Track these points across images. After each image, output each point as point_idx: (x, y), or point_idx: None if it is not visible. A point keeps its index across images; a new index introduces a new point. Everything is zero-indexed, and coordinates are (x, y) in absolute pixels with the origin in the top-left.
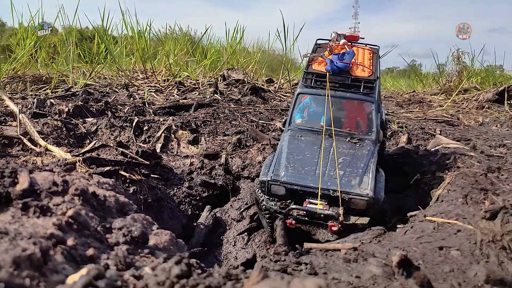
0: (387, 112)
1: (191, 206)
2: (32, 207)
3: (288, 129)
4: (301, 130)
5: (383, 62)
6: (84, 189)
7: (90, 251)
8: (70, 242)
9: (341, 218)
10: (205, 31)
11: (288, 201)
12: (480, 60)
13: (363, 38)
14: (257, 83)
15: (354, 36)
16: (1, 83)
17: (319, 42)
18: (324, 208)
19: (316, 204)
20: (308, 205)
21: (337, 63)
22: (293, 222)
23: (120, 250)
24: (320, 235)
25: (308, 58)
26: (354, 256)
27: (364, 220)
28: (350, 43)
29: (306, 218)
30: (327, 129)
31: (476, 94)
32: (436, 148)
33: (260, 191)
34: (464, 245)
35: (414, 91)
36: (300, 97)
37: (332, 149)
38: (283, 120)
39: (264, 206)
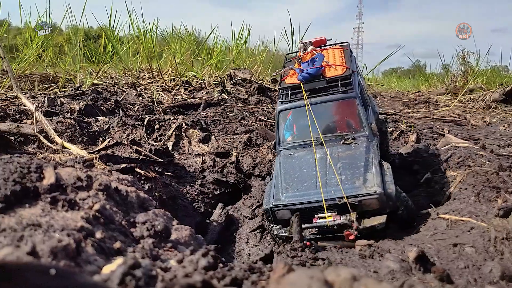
0: (394, 111)
1: (203, 204)
2: (60, 201)
3: (280, 150)
4: (292, 147)
5: (388, 63)
6: (107, 185)
7: (117, 244)
8: (98, 235)
9: (355, 225)
10: (211, 31)
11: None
12: (486, 60)
13: (331, 39)
14: (263, 83)
15: (321, 40)
16: (17, 83)
17: (288, 56)
18: (335, 219)
19: (326, 218)
20: (317, 221)
21: (307, 70)
22: (307, 243)
23: (146, 243)
24: None
25: (279, 74)
26: (370, 252)
27: (381, 219)
28: (319, 48)
29: (320, 235)
30: (317, 138)
31: (482, 94)
32: (446, 147)
33: (267, 221)
34: (478, 242)
35: (419, 91)
36: (283, 115)
37: (327, 156)
38: (273, 142)
39: (275, 235)
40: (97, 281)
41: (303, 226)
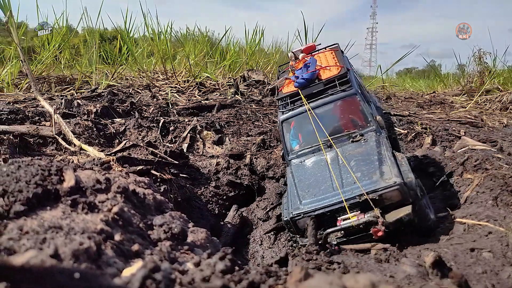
0: (409, 113)
1: (218, 206)
2: (80, 203)
3: (290, 160)
4: (301, 155)
5: (402, 63)
6: (125, 187)
7: (135, 247)
8: (117, 237)
9: (381, 220)
10: (225, 33)
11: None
12: (503, 61)
13: (320, 44)
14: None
15: (310, 46)
16: (37, 85)
17: (280, 68)
18: (359, 218)
19: (349, 218)
20: (342, 223)
21: (302, 76)
22: (336, 247)
23: (164, 246)
24: None
25: (275, 86)
26: (386, 256)
27: (407, 210)
28: (309, 54)
29: (346, 238)
30: (325, 141)
31: (499, 95)
32: (462, 149)
33: (290, 233)
34: (496, 247)
35: (434, 92)
36: (286, 124)
37: (338, 157)
38: (281, 153)
39: (300, 246)
40: (119, 284)
41: (329, 230)
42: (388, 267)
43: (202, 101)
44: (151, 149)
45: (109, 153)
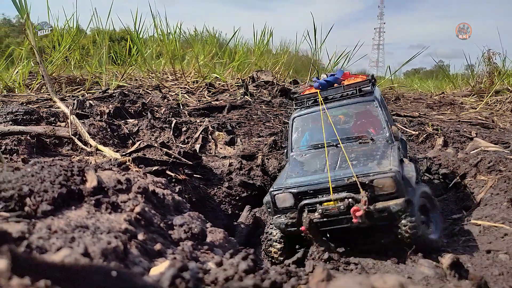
0: (419, 114)
1: (231, 206)
2: (104, 203)
3: (291, 154)
4: (304, 150)
5: (409, 63)
6: (145, 187)
7: (158, 246)
8: (140, 237)
9: (364, 199)
10: (234, 34)
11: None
12: None
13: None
14: (285, 85)
15: (345, 73)
16: (53, 87)
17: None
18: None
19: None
20: (321, 199)
21: (325, 79)
22: (303, 228)
23: (186, 246)
24: None
25: (298, 91)
26: (403, 258)
27: (399, 201)
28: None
29: (325, 219)
30: (333, 140)
31: (509, 96)
32: (475, 151)
33: (268, 215)
34: None
35: (443, 93)
36: (296, 121)
37: (340, 152)
38: (285, 151)
39: (273, 226)
40: (151, 282)
41: (305, 202)
42: (405, 268)
43: (212, 102)
44: (165, 149)
45: (124, 153)
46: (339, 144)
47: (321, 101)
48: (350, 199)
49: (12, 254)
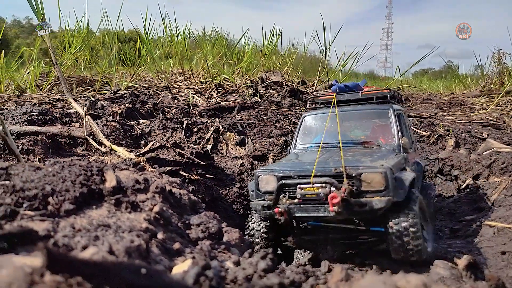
0: (429, 114)
1: (243, 206)
2: (124, 203)
3: (293, 151)
4: (307, 148)
5: (418, 64)
6: (163, 187)
7: (177, 245)
8: (160, 236)
9: (345, 187)
10: (243, 35)
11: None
12: None
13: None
14: (294, 85)
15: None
16: (69, 87)
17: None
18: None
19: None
20: (302, 186)
21: (345, 83)
22: (283, 211)
23: (204, 245)
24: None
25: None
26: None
27: (384, 199)
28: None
29: (301, 205)
30: (338, 142)
31: None
32: (487, 152)
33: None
34: None
35: (452, 93)
36: (306, 120)
37: (338, 150)
38: (288, 148)
39: (253, 208)
40: (176, 280)
41: (284, 181)
42: (421, 269)
43: (221, 103)
44: (178, 150)
45: (138, 154)
46: (340, 144)
47: (334, 103)
48: (331, 188)
49: (47, 251)
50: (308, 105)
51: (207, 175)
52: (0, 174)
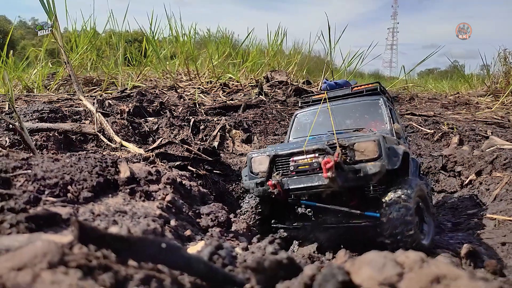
0: (434, 113)
1: None
2: (138, 192)
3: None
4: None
5: (424, 63)
6: (174, 179)
7: (188, 232)
8: (172, 223)
9: (338, 152)
10: (248, 34)
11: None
12: None
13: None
14: (299, 85)
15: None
16: (80, 86)
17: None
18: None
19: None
20: (295, 158)
21: (335, 81)
22: (276, 183)
23: (214, 232)
24: None
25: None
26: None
27: (378, 163)
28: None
29: (295, 177)
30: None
31: None
32: (490, 149)
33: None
34: None
35: (458, 93)
36: (298, 118)
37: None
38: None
39: (245, 186)
40: (195, 255)
41: (275, 153)
42: None
43: (227, 101)
44: (186, 146)
45: (147, 149)
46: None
47: (323, 99)
48: (324, 157)
49: (79, 224)
50: (300, 103)
51: (214, 171)
52: (22, 164)
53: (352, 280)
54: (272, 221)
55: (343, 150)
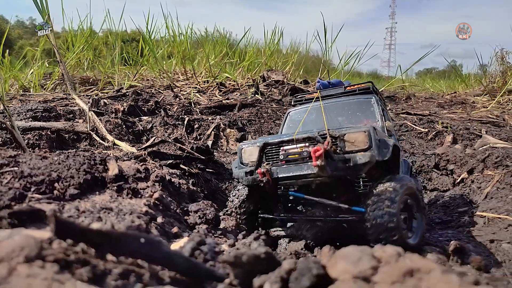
0: (429, 112)
1: None
2: (125, 189)
3: None
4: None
5: (422, 63)
6: (162, 177)
7: (175, 229)
8: (159, 220)
9: (327, 140)
10: (244, 34)
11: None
12: None
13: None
14: (296, 84)
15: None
16: (73, 85)
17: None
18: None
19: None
20: (285, 147)
21: (329, 80)
22: (265, 171)
23: (201, 229)
24: None
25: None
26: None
27: (366, 153)
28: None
29: (284, 166)
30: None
31: None
32: (483, 147)
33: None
34: None
35: (455, 92)
36: (290, 116)
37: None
38: None
39: (235, 176)
40: (176, 250)
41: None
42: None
43: (223, 101)
44: (179, 145)
45: (140, 148)
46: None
47: (316, 97)
48: (315, 144)
49: (55, 219)
50: (293, 102)
51: (207, 169)
52: (9, 161)
53: (328, 274)
54: (260, 211)
55: (333, 141)
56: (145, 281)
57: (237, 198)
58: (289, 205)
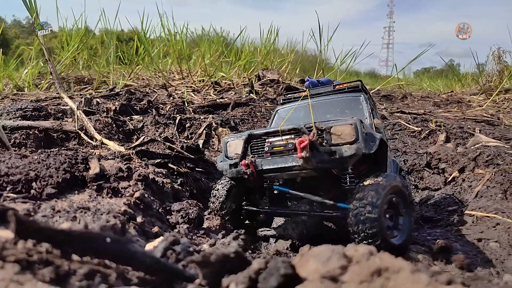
0: (424, 111)
1: None
2: (105, 188)
3: None
4: None
5: (420, 62)
6: (145, 176)
7: (155, 228)
8: (139, 219)
9: (313, 132)
10: (240, 33)
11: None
12: None
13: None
14: (291, 83)
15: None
16: (61, 83)
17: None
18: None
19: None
20: (270, 139)
21: (319, 79)
22: (249, 163)
23: (182, 228)
24: None
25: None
26: None
27: (352, 145)
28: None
29: (269, 157)
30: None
31: None
32: (475, 146)
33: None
34: (502, 237)
35: (452, 91)
36: (278, 113)
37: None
38: None
39: (220, 169)
40: (146, 252)
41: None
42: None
43: (217, 100)
44: (168, 144)
45: (128, 147)
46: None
47: (303, 96)
48: (300, 136)
49: (16, 218)
50: (282, 100)
51: (197, 169)
52: None
53: (298, 273)
54: (244, 203)
55: (319, 133)
56: (111, 281)
57: (217, 200)
58: (275, 199)
